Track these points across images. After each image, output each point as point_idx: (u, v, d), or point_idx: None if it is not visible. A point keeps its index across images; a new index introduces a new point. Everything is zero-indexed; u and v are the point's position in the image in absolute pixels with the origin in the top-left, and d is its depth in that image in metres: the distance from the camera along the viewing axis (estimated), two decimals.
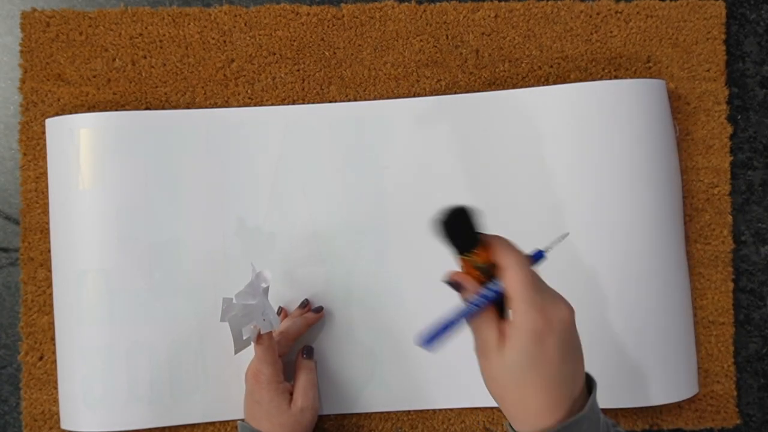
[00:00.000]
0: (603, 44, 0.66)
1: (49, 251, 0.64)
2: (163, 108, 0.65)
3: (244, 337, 0.55)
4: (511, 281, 0.42)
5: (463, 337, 0.64)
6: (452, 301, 0.45)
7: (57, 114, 0.65)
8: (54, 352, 0.64)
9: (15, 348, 0.65)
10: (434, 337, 0.44)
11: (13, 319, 0.65)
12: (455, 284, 0.45)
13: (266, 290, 0.55)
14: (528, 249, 0.45)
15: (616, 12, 0.67)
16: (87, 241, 0.62)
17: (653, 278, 0.62)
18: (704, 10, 0.67)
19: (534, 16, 0.66)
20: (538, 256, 0.46)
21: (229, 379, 0.63)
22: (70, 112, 0.65)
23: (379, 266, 0.64)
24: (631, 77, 0.66)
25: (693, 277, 0.66)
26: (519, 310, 0.42)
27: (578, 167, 0.62)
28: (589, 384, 0.45)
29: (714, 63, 0.67)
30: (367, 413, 0.65)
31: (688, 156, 0.66)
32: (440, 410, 0.65)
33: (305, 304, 0.64)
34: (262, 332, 0.55)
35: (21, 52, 0.65)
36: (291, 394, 0.59)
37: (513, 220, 0.63)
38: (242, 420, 0.59)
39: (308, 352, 0.63)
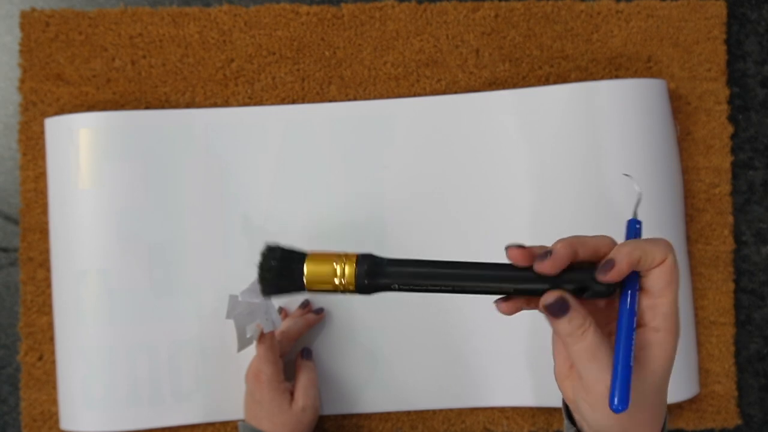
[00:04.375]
0: (603, 44, 0.66)
1: (49, 251, 0.64)
2: (163, 108, 0.65)
3: (247, 336, 0.55)
4: (668, 296, 0.37)
5: (462, 337, 0.64)
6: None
7: (56, 114, 0.65)
8: (53, 353, 0.64)
9: (14, 348, 0.65)
10: (625, 392, 0.36)
11: (12, 319, 0.65)
12: (559, 305, 0.37)
13: None
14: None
15: (617, 12, 0.67)
16: (86, 241, 0.62)
17: None
18: (705, 9, 0.67)
19: (534, 15, 0.66)
20: (634, 228, 0.40)
21: (230, 379, 0.63)
22: (70, 112, 0.64)
23: None
24: (631, 77, 0.66)
25: (694, 277, 0.66)
26: (669, 326, 0.37)
27: (578, 167, 0.62)
28: None
29: (715, 63, 0.67)
30: (367, 413, 0.65)
31: (689, 156, 0.66)
32: (440, 410, 0.65)
33: (306, 304, 0.63)
34: (264, 331, 0.55)
35: (20, 51, 0.65)
36: (292, 393, 0.59)
37: (512, 220, 0.63)
38: (243, 420, 0.59)
39: (307, 353, 0.62)
